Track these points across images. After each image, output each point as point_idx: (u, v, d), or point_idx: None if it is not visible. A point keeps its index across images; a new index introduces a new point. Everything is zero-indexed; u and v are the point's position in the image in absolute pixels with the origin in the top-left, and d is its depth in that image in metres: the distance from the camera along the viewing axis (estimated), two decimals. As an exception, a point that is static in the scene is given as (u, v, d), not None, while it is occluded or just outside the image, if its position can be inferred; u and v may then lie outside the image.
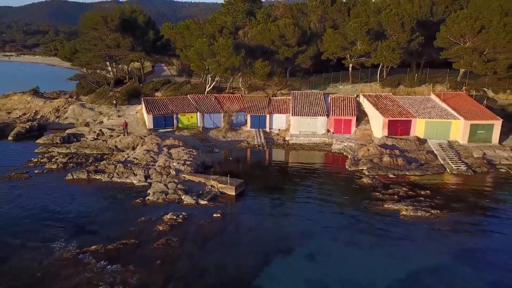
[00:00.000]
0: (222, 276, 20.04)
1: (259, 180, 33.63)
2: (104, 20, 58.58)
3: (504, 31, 45.90)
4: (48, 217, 26.19)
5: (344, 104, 46.81)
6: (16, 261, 21.09)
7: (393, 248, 22.92)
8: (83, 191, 30.85)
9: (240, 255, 21.93)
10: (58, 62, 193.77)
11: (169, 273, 20.20)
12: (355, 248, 22.94)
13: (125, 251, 21.93)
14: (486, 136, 40.62)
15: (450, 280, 20.04)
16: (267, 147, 43.05)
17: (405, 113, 42.92)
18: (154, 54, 67.48)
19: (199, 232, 24.30)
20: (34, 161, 37.28)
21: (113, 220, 25.91)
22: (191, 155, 36.35)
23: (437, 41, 51.33)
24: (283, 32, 53.60)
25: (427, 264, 21.18)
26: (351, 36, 51.72)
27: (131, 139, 41.70)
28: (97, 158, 38.27)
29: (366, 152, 38.29)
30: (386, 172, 34.55)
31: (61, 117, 53.95)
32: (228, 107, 48.00)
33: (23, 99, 61.68)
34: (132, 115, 51.28)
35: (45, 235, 23.62)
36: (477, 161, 36.88)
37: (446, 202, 28.59)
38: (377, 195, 29.85)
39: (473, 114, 41.43)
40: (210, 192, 30.07)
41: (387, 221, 25.95)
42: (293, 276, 20.26)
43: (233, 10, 74.27)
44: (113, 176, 32.81)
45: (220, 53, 48.97)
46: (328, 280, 19.90)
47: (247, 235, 24.30)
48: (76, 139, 44.55)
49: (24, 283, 19.36)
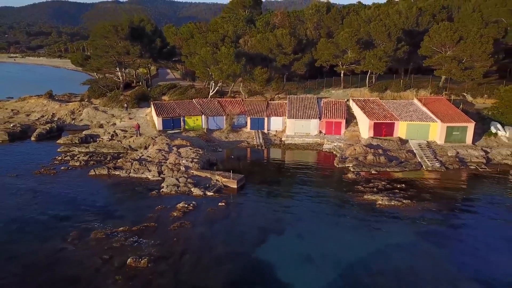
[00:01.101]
0: (227, 250, 24.87)
1: (257, 176, 38.47)
2: (115, 29, 63.31)
3: (480, 42, 50.80)
4: (79, 205, 31.05)
5: (335, 107, 51.65)
6: (61, 238, 25.90)
7: (367, 230, 27.74)
8: (105, 185, 35.70)
9: (241, 234, 26.77)
10: (63, 64, 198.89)
11: (184, 247, 25.03)
12: (336, 230, 27.80)
13: (147, 232, 26.77)
14: (460, 137, 45.48)
15: (411, 253, 24.87)
16: (265, 147, 47.91)
17: (389, 116, 47.76)
18: (161, 60, 72.35)
19: (207, 217, 29.16)
20: (59, 159, 42.13)
21: (134, 208, 30.72)
22: (197, 153, 41.19)
23: (421, 49, 56.16)
24: (280, 41, 58.43)
25: (394, 242, 26.01)
26: (342, 45, 56.49)
27: (143, 139, 46.55)
28: (114, 156, 43.13)
29: (352, 151, 43.14)
30: (369, 168, 39.40)
31: (76, 119, 58.76)
32: (230, 110, 52.84)
33: (40, 102, 66.52)
34: (142, 117, 56.12)
35: (80, 219, 28.47)
36: (450, 159, 41.75)
37: (417, 193, 33.46)
38: (359, 188, 34.71)
39: (450, 117, 46.28)
40: (215, 185, 34.89)
41: (365, 209, 30.80)
42: (285, 250, 25.09)
43: (234, 18, 79.02)
44: (130, 172, 37.66)
45: (223, 61, 53.79)
46: (313, 253, 24.70)
47: (247, 219, 29.15)
48: (92, 140, 49.38)
49: (72, 252, 24.15)
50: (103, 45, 65.65)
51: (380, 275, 22.55)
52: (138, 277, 21.89)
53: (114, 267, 22.71)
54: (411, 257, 24.41)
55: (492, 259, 24.35)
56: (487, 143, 45.55)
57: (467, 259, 24.53)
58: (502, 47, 61.89)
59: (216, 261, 23.58)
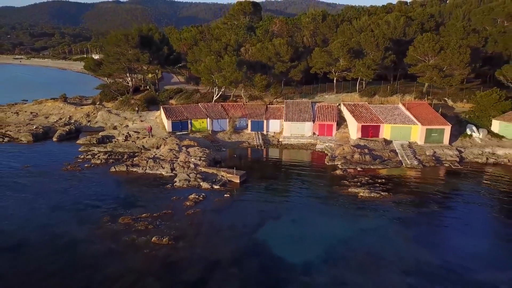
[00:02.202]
0: (232, 232, 30.29)
1: (257, 172, 43.90)
2: (126, 38, 68.80)
3: (458, 52, 56.23)
4: (105, 196, 36.47)
5: (327, 111, 57.12)
6: (95, 221, 31.35)
7: (349, 216, 33.17)
8: (125, 180, 41.11)
9: (243, 220, 32.19)
10: (69, 66, 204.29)
11: (196, 229, 30.45)
12: (324, 216, 33.24)
13: (165, 217, 32.18)
14: (438, 138, 50.96)
15: (383, 234, 30.27)
16: (264, 147, 53.38)
17: (375, 120, 53.22)
18: (168, 66, 77.87)
19: (215, 206, 34.61)
20: (81, 157, 47.57)
21: (152, 199, 36.13)
22: (204, 153, 46.65)
23: (406, 58, 61.64)
24: (278, 50, 63.93)
25: (370, 225, 31.44)
26: (335, 54, 61.97)
27: (155, 140, 52.00)
28: (130, 155, 48.56)
29: (341, 150, 48.60)
30: (355, 166, 44.85)
31: (91, 122, 64.22)
32: (232, 113, 58.31)
33: (56, 105, 72.02)
34: (152, 120, 61.56)
35: (108, 207, 33.92)
36: (427, 158, 47.23)
37: (394, 187, 38.93)
38: (345, 182, 40.15)
39: (429, 120, 51.75)
40: (220, 180, 40.31)
41: (349, 199, 36.26)
42: (280, 232, 30.52)
43: (235, 27, 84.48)
44: (146, 169, 43.11)
45: (226, 69, 59.28)
46: (304, 234, 30.11)
47: (249, 208, 34.57)
48: (108, 140, 54.82)
49: (105, 232, 29.57)
50: (115, 53, 71.12)
51: (357, 250, 27.97)
52: (161, 250, 27.33)
53: (142, 243, 28.15)
54: (384, 237, 29.83)
55: (455, 239, 29.83)
56: (462, 144, 51.02)
57: (432, 238, 29.96)
58: (482, 55, 67.60)
59: (223, 240, 29.02)
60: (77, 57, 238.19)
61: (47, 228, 30.50)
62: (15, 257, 26.61)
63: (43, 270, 25.18)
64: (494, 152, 48.56)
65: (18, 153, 49.81)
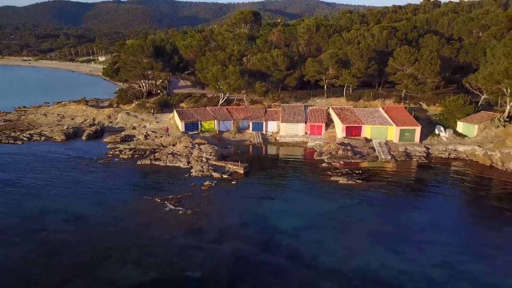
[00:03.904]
0: (238, 208, 39.65)
1: (258, 165, 53.27)
2: (141, 49, 78.22)
3: (430, 63, 65.67)
4: (137, 183, 45.95)
5: (318, 114, 66.52)
6: (135, 201, 40.78)
7: (329, 197, 42.53)
8: (150, 171, 50.49)
9: (247, 200, 41.55)
10: (77, 68, 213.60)
11: (211, 206, 39.85)
12: (309, 197, 42.69)
13: (187, 198, 41.58)
14: (410, 137, 60.37)
15: (354, 209, 39.64)
16: (263, 144, 62.75)
17: (358, 121, 62.63)
18: (178, 73, 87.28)
19: (224, 190, 44.04)
20: (110, 153, 56.96)
21: (174, 185, 45.51)
22: (214, 149, 56.06)
23: (387, 67, 71.09)
24: (275, 60, 73.33)
25: (345, 204, 40.81)
26: (325, 64, 71.34)
27: (171, 139, 61.40)
28: (151, 151, 57.90)
29: (328, 147, 58.01)
30: (339, 160, 54.26)
31: (113, 123, 73.63)
32: (236, 116, 67.69)
33: (79, 108, 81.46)
34: (166, 121, 70.96)
35: (142, 191, 43.37)
36: (399, 153, 56.65)
37: (368, 176, 48.39)
38: (329, 173, 49.58)
39: (403, 122, 61.17)
40: (228, 171, 49.70)
41: (330, 185, 45.68)
42: (275, 208, 39.91)
43: (237, 37, 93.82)
44: (167, 162, 52.51)
45: (230, 77, 68.66)
46: (293, 209, 39.49)
47: (251, 192, 43.98)
48: (130, 139, 64.18)
49: (145, 209, 38.96)
50: (131, 61, 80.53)
51: (333, 220, 37.34)
52: (187, 220, 36.75)
53: (171, 215, 37.60)
54: (354, 212, 39.22)
55: (409, 213, 39.24)
56: (430, 142, 60.44)
57: (391, 212, 39.38)
58: (455, 65, 77.17)
59: (231, 214, 38.44)
60: (83, 58, 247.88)
61: (98, 204, 39.99)
62: (79, 224, 36.06)
63: (103, 233, 34.64)
64: (456, 149, 58.01)
65: (57, 149, 59.25)
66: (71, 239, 33.57)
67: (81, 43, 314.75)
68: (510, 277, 29.15)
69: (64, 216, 37.65)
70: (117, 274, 28.87)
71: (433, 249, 32.49)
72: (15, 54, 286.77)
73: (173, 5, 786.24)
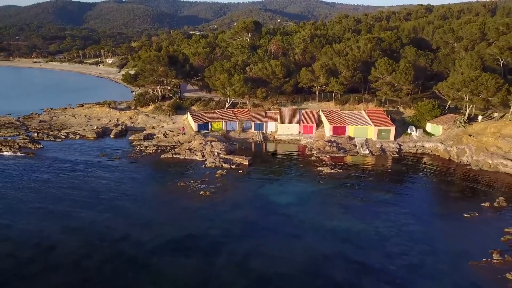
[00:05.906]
0: (245, 190, 51.70)
1: (259, 158, 65.28)
2: (157, 58, 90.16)
3: (405, 73, 77.63)
4: (163, 172, 58.03)
5: (310, 115, 78.50)
6: (163, 185, 52.75)
7: (315, 182, 54.52)
8: (173, 163, 62.40)
9: (251, 185, 53.54)
10: (87, 70, 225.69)
11: (224, 189, 51.78)
12: (299, 182, 54.76)
13: (204, 182, 53.48)
14: (386, 136, 72.37)
15: (332, 191, 51.60)
16: (264, 142, 74.75)
17: (343, 122, 74.62)
18: (188, 79, 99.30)
19: (233, 177, 56.05)
20: (137, 149, 68.90)
21: (194, 173, 57.48)
22: (223, 145, 68.04)
23: (370, 76, 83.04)
24: (274, 69, 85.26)
25: (327, 187, 52.84)
26: (316, 73, 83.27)
27: (187, 137, 73.38)
28: (171, 147, 69.84)
29: (318, 144, 69.99)
30: (326, 154, 66.23)
31: (134, 123, 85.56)
32: (241, 117, 79.64)
33: (103, 110, 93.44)
34: (181, 122, 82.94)
35: (169, 177, 55.41)
36: (376, 149, 68.64)
37: (348, 167, 60.46)
38: (317, 164, 61.58)
39: (380, 122, 73.17)
40: (235, 163, 61.64)
41: (316, 174, 57.69)
42: (273, 189, 51.92)
43: (241, 47, 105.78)
44: (185, 156, 64.48)
45: (235, 84, 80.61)
46: (287, 190, 51.48)
47: (254, 178, 56.00)
48: (151, 137, 76.10)
49: (175, 191, 50.88)
50: (149, 69, 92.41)
51: (316, 198, 49.39)
52: (206, 197, 48.77)
53: (194, 194, 49.62)
54: (333, 192, 51.25)
55: (375, 194, 51.21)
56: (403, 140, 72.43)
57: (361, 193, 51.30)
58: (429, 73, 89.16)
59: (240, 194, 50.50)
60: (91, 60, 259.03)
61: (136, 189, 51.97)
62: (129, 199, 48.10)
63: (149, 204, 46.69)
64: (423, 145, 70.02)
65: (91, 146, 71.23)
66: (129, 206, 46.22)
67: (86, 45, 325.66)
68: (440, 234, 41.19)
69: (117, 193, 49.94)
70: (161, 231, 40.92)
71: (388, 217, 44.54)
72: (25, 56, 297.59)
73: (174, 4, 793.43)
